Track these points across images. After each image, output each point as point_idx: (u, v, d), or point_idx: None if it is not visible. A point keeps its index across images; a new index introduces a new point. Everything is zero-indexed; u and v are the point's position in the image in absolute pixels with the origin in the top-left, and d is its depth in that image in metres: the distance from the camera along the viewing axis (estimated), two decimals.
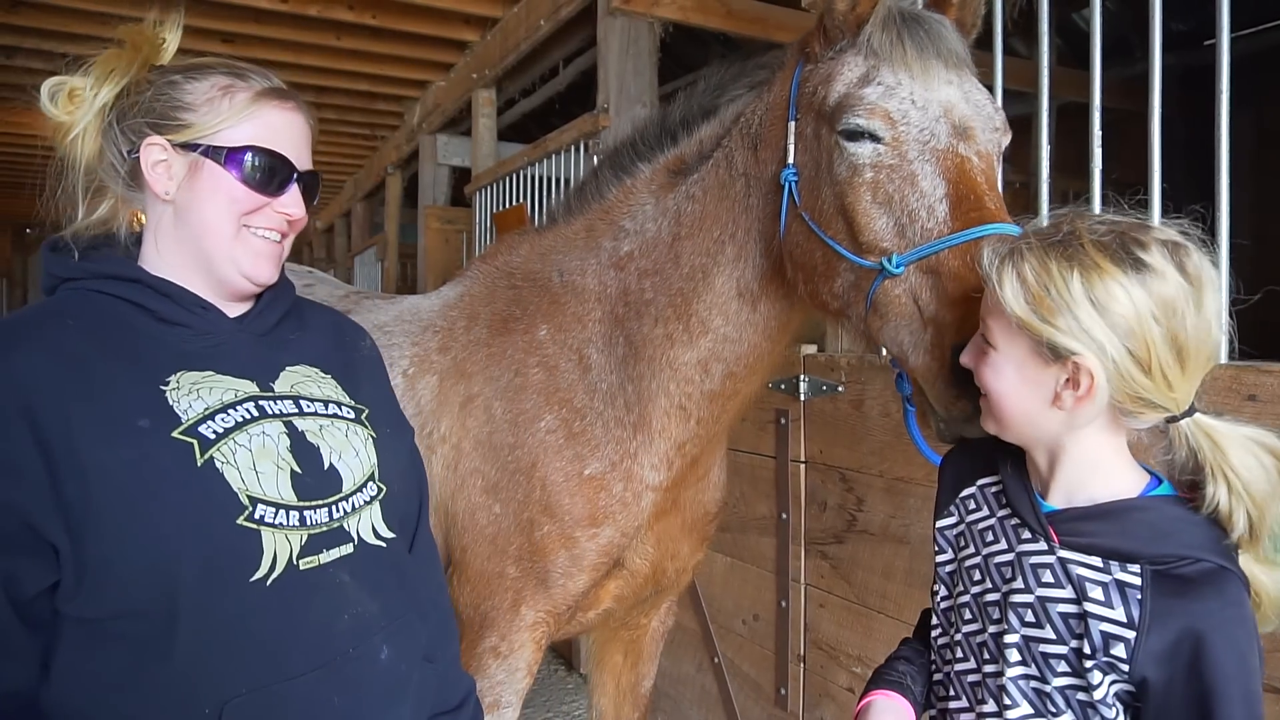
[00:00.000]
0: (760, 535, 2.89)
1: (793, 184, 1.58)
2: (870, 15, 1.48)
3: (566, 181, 4.24)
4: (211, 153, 1.15)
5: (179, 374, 1.11)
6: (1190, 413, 1.04)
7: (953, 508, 1.27)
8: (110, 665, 1.04)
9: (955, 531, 1.25)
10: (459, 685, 1.43)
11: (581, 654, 4.00)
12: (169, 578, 1.02)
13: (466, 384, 2.05)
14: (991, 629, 1.14)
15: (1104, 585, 1.03)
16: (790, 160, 1.59)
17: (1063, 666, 1.05)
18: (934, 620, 1.28)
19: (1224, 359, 1.68)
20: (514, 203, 4.87)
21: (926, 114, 1.41)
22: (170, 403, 1.08)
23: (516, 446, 1.95)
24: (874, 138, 1.42)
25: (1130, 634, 0.99)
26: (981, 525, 1.21)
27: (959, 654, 1.19)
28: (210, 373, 1.14)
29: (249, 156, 1.15)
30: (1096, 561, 1.04)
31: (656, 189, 1.92)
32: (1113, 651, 1.01)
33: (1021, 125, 2.25)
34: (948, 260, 1.32)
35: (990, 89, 2.21)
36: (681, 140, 1.90)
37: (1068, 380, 1.03)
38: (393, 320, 2.27)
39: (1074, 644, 1.04)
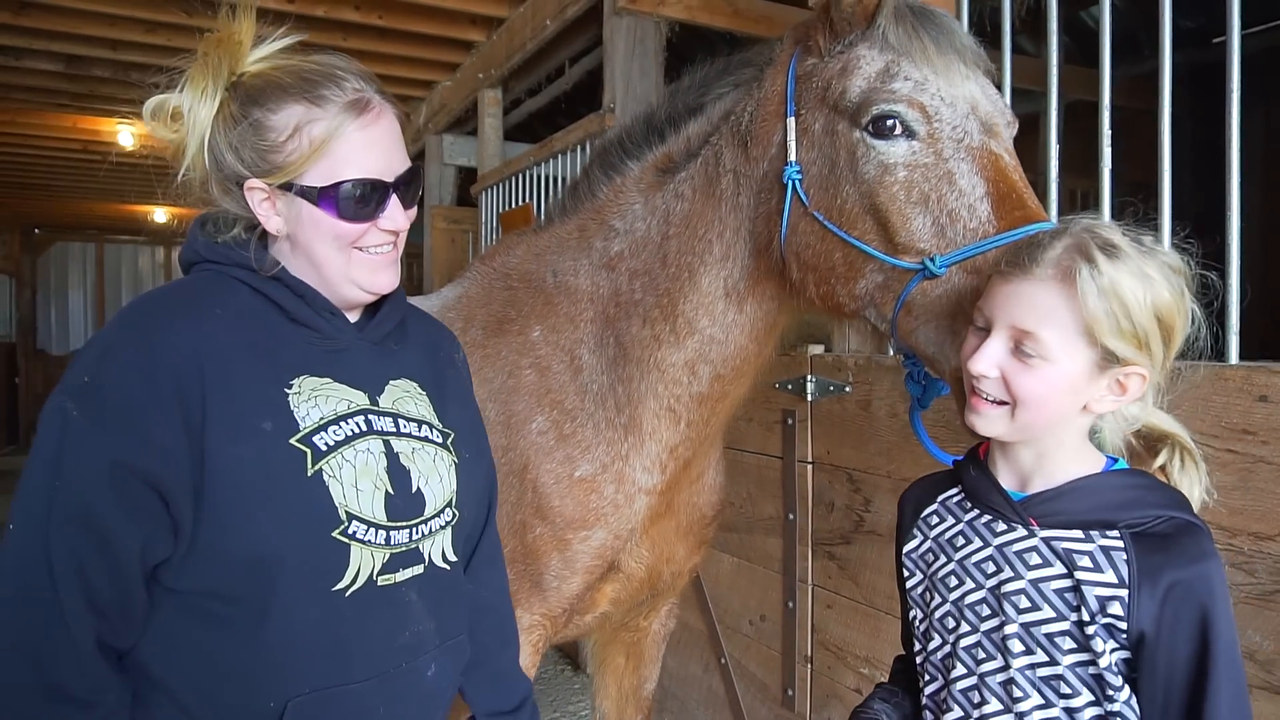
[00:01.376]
0: (767, 536, 2.88)
1: (797, 182, 1.55)
2: (879, 8, 1.46)
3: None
4: (305, 193, 1.15)
5: (302, 378, 1.15)
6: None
7: (915, 530, 1.28)
8: (199, 638, 1.09)
9: (920, 552, 1.27)
10: (517, 688, 1.47)
11: (587, 654, 4.01)
12: (266, 574, 1.07)
13: None
14: (984, 626, 1.14)
15: (1089, 553, 1.07)
16: (792, 157, 1.56)
17: (1069, 643, 1.06)
18: (915, 645, 1.28)
19: (1234, 359, 1.66)
20: (520, 203, 4.87)
21: (956, 110, 1.40)
22: (291, 407, 1.12)
23: (509, 449, 1.95)
24: (909, 134, 1.39)
25: (1123, 592, 1.04)
26: (949, 534, 1.22)
27: (948, 665, 1.19)
28: (329, 380, 1.17)
29: (340, 191, 1.14)
30: (1077, 534, 1.08)
31: (645, 188, 1.90)
32: (1110, 611, 1.04)
33: (1029, 124, 2.25)
34: (997, 260, 1.30)
35: (999, 87, 2.21)
36: (669, 138, 1.88)
37: (1116, 383, 1.09)
38: None
39: (1074, 617, 1.06)
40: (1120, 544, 1.05)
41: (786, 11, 4.01)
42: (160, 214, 12.01)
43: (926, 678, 1.23)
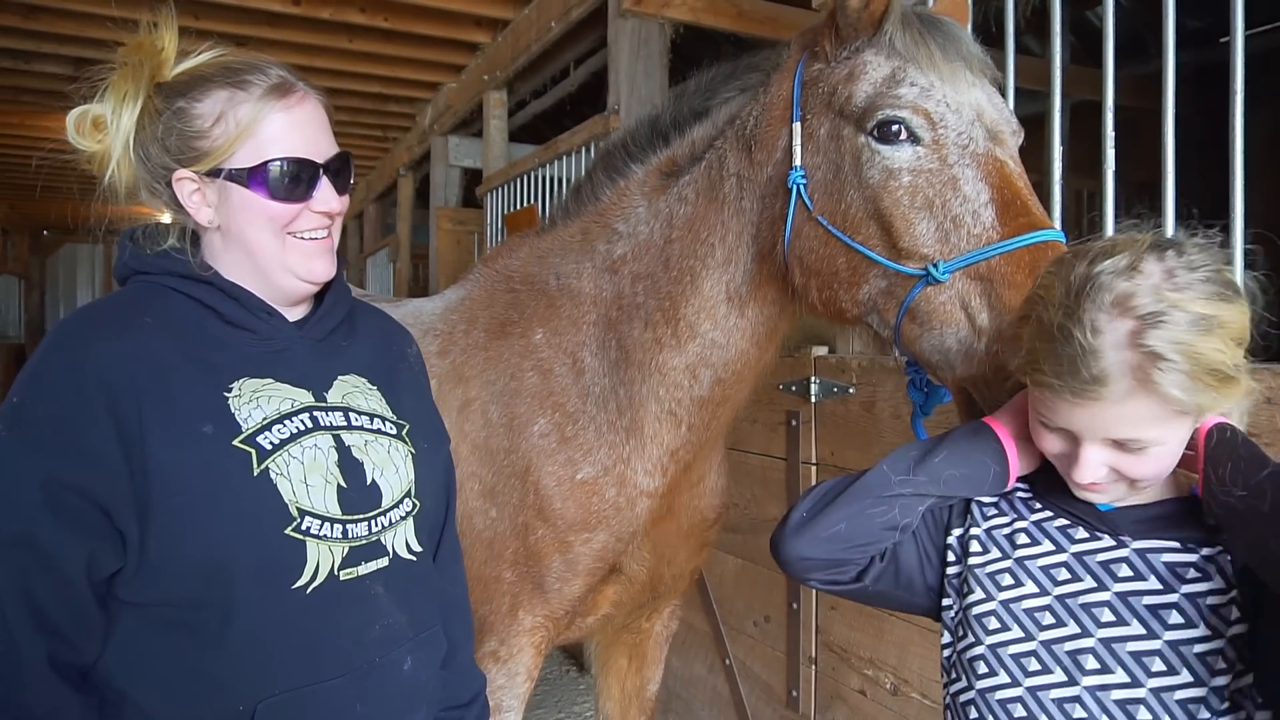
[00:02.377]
0: None
1: (801, 187, 1.54)
2: (886, 14, 1.46)
3: None
4: (234, 176, 1.15)
5: (241, 380, 1.14)
6: None
7: (967, 514, 1.21)
8: (161, 648, 1.09)
9: (964, 538, 1.19)
10: (471, 682, 1.47)
11: (590, 654, 4.01)
12: (222, 577, 1.07)
13: (464, 388, 2.05)
14: (1042, 636, 1.06)
15: (1192, 564, 1.02)
16: (797, 162, 1.55)
17: (1157, 664, 0.98)
18: (944, 637, 1.20)
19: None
20: (525, 204, 4.88)
21: (961, 117, 1.39)
22: (232, 410, 1.11)
23: (511, 451, 1.95)
24: (914, 139, 1.39)
25: (1234, 593, 1.00)
26: (1008, 530, 1.15)
27: (976, 668, 1.10)
28: (270, 380, 1.17)
29: (269, 170, 1.14)
30: (1174, 544, 1.04)
31: (649, 191, 1.90)
32: (1227, 617, 0.99)
33: (1034, 124, 2.24)
34: (1000, 266, 1.29)
35: (1002, 88, 2.20)
36: (674, 142, 1.88)
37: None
38: None
39: (1167, 636, 0.99)
40: (1219, 549, 1.02)
41: (791, 13, 4.01)
42: (168, 216, 12.05)
43: (952, 675, 1.16)
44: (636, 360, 1.87)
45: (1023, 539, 1.13)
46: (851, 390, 2.53)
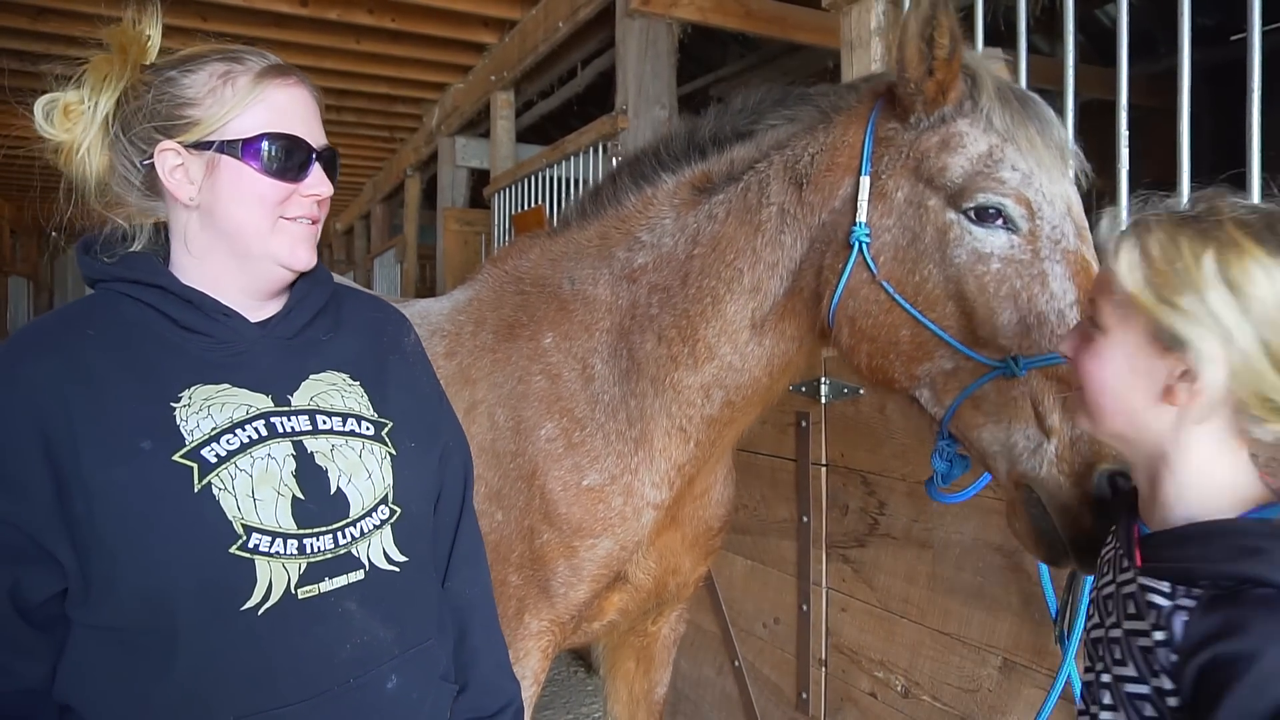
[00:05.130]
0: (781, 538, 2.87)
1: (865, 245, 1.49)
2: (979, 85, 1.42)
3: (585, 183, 4.25)
4: (226, 148, 1.10)
5: (194, 388, 1.09)
6: None
7: (1110, 535, 1.13)
8: (111, 669, 1.05)
9: (1103, 559, 1.12)
10: (498, 693, 1.38)
11: (598, 656, 4.02)
12: (163, 602, 1.02)
13: (471, 390, 2.04)
14: (1095, 667, 1.03)
15: (1163, 610, 0.92)
16: (862, 218, 1.50)
17: (1149, 710, 0.93)
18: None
19: None
20: (533, 204, 4.88)
21: (1055, 209, 1.36)
22: (177, 422, 1.06)
23: (518, 454, 1.94)
24: (1010, 227, 1.35)
25: (1175, 657, 0.90)
26: (1106, 558, 1.10)
27: (1090, 695, 1.07)
28: (226, 386, 1.11)
29: (265, 145, 1.10)
30: (1165, 586, 0.92)
31: (679, 203, 1.86)
32: (1173, 683, 0.90)
33: None
34: None
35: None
36: (710, 157, 1.83)
37: (1184, 372, 0.91)
38: None
39: (1154, 683, 0.92)
40: (1192, 604, 0.89)
41: (799, 12, 4.01)
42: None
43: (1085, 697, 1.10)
44: (649, 374, 1.85)
45: (1105, 568, 1.09)
46: (862, 391, 2.52)
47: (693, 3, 3.80)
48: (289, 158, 1.12)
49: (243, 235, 1.13)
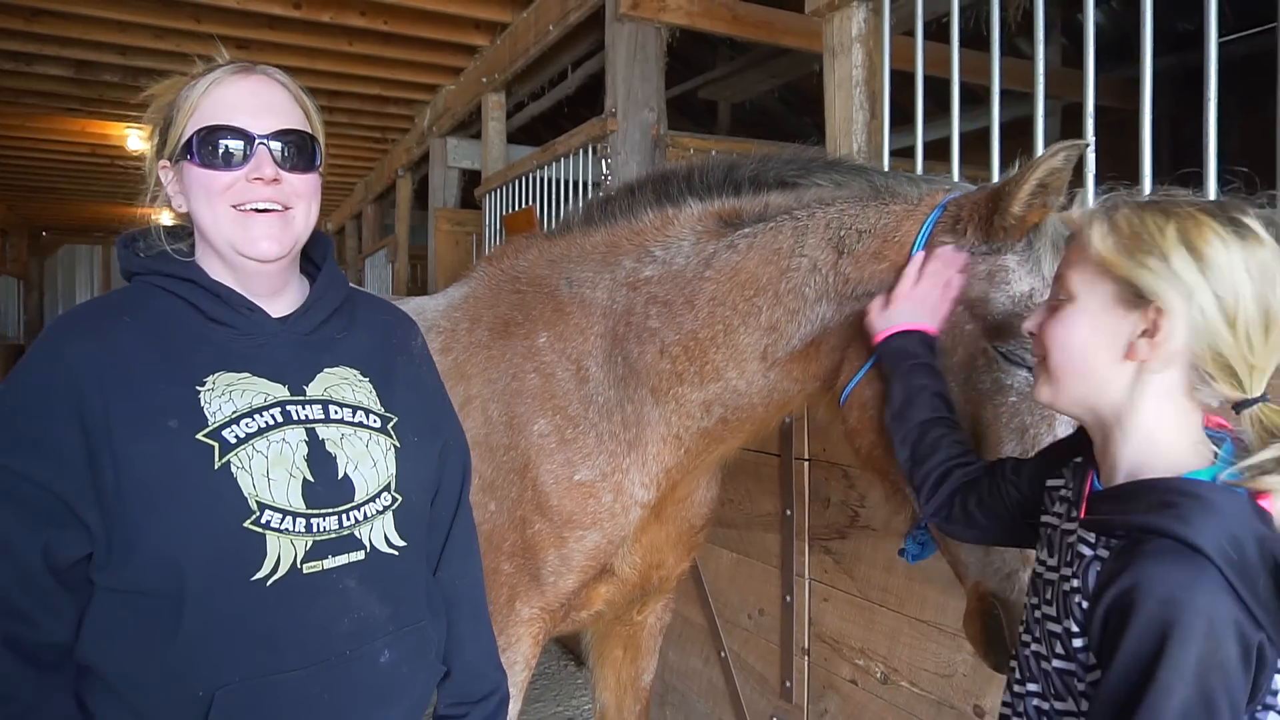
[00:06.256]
0: (765, 531, 2.94)
1: None
2: (1039, 230, 1.44)
3: (575, 184, 4.30)
4: (180, 152, 1.19)
5: (217, 374, 1.17)
6: (1263, 398, 0.97)
7: (1065, 470, 1.18)
8: (128, 631, 1.13)
9: (1058, 494, 1.18)
10: (483, 681, 1.45)
11: (587, 646, 4.07)
12: (177, 568, 1.10)
13: (466, 385, 2.09)
14: (1031, 600, 1.14)
15: (1084, 559, 1.01)
16: None
17: (1059, 647, 1.03)
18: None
19: None
20: (524, 205, 4.93)
21: None
22: (202, 404, 1.14)
23: (511, 447, 2.00)
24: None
25: (1086, 604, 0.98)
26: (1061, 494, 1.17)
27: (1024, 627, 1.17)
28: (247, 375, 1.19)
29: (197, 138, 1.17)
30: (1091, 538, 1.02)
31: (702, 230, 1.89)
32: (1080, 628, 0.99)
33: (1022, 127, 2.30)
34: None
35: (988, 90, 2.26)
36: (745, 195, 1.87)
37: (1144, 331, 0.99)
38: None
39: (1065, 624, 1.02)
40: (1107, 555, 0.97)
41: (786, 17, 4.07)
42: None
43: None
44: (649, 384, 1.91)
45: (1058, 506, 1.16)
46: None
47: (681, 7, 3.85)
48: (221, 146, 1.17)
49: (205, 230, 1.21)
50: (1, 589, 1.09)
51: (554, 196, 4.54)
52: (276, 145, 1.19)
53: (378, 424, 1.28)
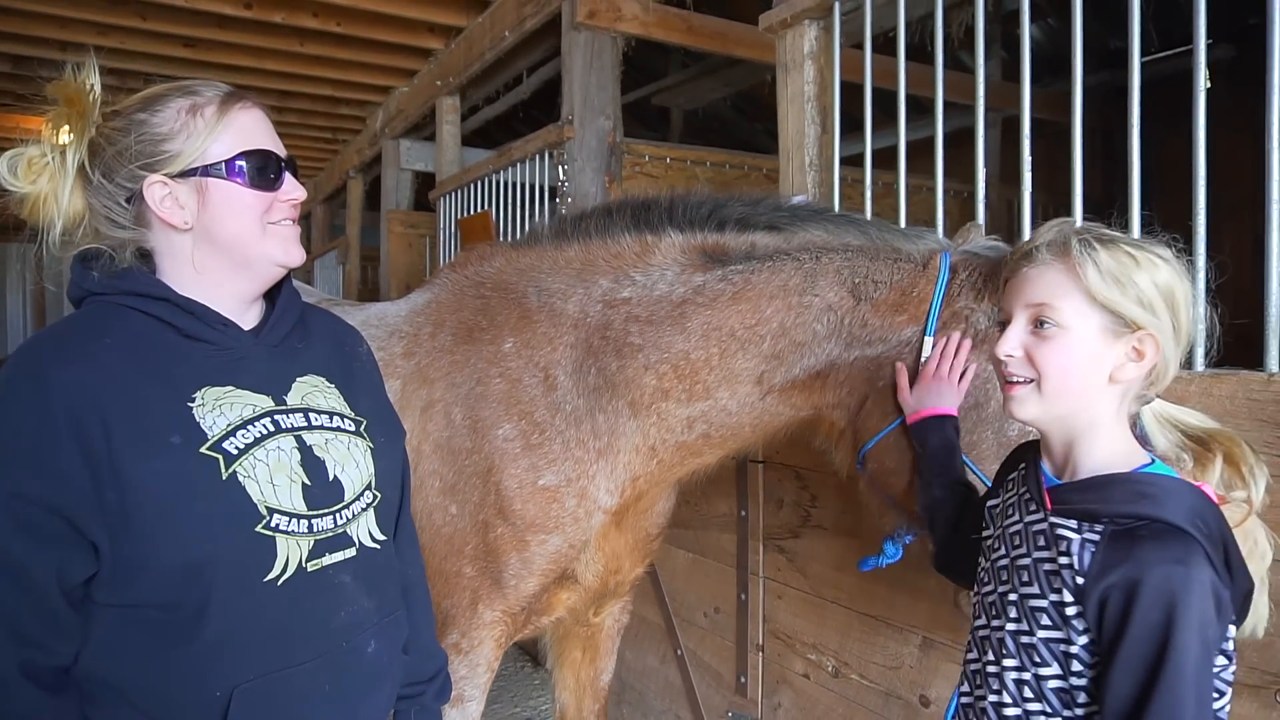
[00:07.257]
0: (721, 532, 3.01)
1: None
2: None
3: (531, 188, 4.33)
4: (211, 171, 1.22)
5: (204, 389, 1.20)
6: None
7: (1000, 489, 1.37)
8: (131, 643, 1.15)
9: (998, 509, 1.35)
10: (432, 661, 1.56)
11: (545, 647, 4.09)
12: (200, 576, 1.14)
13: (428, 389, 2.11)
14: (1000, 589, 1.26)
15: (1072, 541, 1.15)
16: None
17: (1045, 620, 1.17)
18: (974, 588, 1.40)
19: (1200, 367, 1.71)
20: (479, 209, 4.94)
21: None
22: (197, 419, 1.18)
23: (474, 451, 2.03)
24: None
25: (1081, 580, 1.12)
26: (1009, 501, 1.32)
27: (978, 612, 1.32)
28: (231, 388, 1.23)
29: (244, 163, 1.23)
30: (1073, 524, 1.16)
31: (685, 262, 1.94)
32: (1078, 599, 1.13)
33: (965, 136, 2.40)
34: None
35: (931, 103, 2.36)
36: (728, 233, 1.93)
37: (1133, 349, 1.17)
38: (359, 325, 2.33)
39: (1053, 598, 1.16)
40: (1097, 538, 1.12)
41: (740, 29, 4.15)
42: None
43: (975, 614, 1.35)
44: (630, 398, 1.95)
45: (1009, 512, 1.31)
46: None
47: (637, 17, 3.91)
48: (265, 170, 1.25)
49: (240, 244, 1.25)
50: (17, 617, 1.11)
51: (510, 201, 4.56)
52: (291, 168, 1.30)
53: (352, 427, 1.35)
